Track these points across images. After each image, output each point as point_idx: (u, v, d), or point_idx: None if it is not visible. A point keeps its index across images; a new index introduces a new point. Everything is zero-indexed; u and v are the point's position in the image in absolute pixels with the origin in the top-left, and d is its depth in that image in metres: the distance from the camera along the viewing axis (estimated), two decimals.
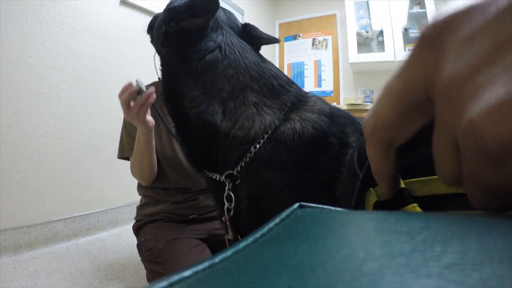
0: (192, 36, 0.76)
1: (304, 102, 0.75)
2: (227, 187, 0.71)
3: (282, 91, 0.75)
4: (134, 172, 1.30)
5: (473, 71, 0.16)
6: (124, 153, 1.35)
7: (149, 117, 1.07)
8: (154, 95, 1.01)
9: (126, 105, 1.00)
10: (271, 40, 0.92)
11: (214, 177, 0.74)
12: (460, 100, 0.16)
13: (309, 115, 0.71)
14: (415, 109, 0.20)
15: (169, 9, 0.76)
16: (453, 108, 0.17)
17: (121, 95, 0.98)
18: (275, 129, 0.69)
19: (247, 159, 0.69)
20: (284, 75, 0.81)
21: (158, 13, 0.89)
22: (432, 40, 0.19)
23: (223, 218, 0.73)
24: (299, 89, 0.80)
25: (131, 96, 0.99)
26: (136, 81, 0.98)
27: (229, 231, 0.74)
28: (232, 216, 0.72)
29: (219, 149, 0.72)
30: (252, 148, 0.69)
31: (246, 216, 0.71)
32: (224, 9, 0.84)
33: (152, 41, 0.94)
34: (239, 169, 0.70)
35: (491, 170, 0.16)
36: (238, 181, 0.71)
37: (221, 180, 0.72)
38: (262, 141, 0.69)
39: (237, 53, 0.76)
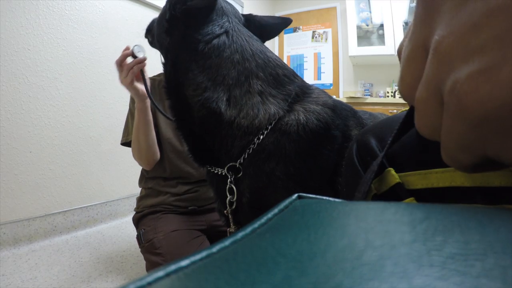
0: (198, 20, 0.75)
1: (308, 94, 0.74)
2: (229, 180, 0.70)
3: (287, 81, 0.74)
4: (133, 151, 1.29)
5: (464, 33, 0.17)
6: (128, 137, 1.34)
7: (139, 85, 1.12)
8: (145, 63, 1.08)
9: (118, 66, 1.10)
10: (285, 21, 0.96)
11: (216, 171, 0.73)
12: (450, 58, 0.17)
13: (313, 107, 0.70)
14: (423, 68, 0.20)
15: None
16: (442, 64, 0.18)
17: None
18: (279, 119, 0.68)
19: (250, 150, 0.68)
20: (288, 66, 0.80)
21: (156, 18, 0.91)
22: (430, 2, 0.20)
23: (225, 211, 0.72)
24: (303, 81, 0.79)
25: (124, 58, 1.08)
26: (135, 45, 1.07)
27: (231, 224, 0.73)
28: (234, 209, 0.71)
29: (222, 139, 0.71)
30: (255, 140, 0.68)
31: (248, 210, 0.70)
32: (227, 2, 0.84)
33: (151, 42, 0.97)
34: (242, 161, 0.69)
35: (468, 129, 0.17)
36: (240, 174, 0.70)
37: (223, 173, 0.71)
38: (266, 132, 0.67)
39: (244, 40, 0.76)
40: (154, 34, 0.90)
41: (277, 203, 0.60)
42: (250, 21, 0.88)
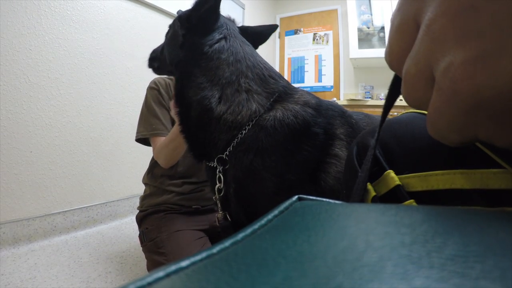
0: (206, 28, 0.85)
1: (290, 95, 0.80)
2: (217, 170, 0.77)
3: (271, 81, 0.81)
4: (160, 155, 1.25)
5: (461, 15, 0.16)
6: (145, 134, 1.30)
7: None
8: None
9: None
10: (272, 27, 1.06)
11: (210, 164, 0.81)
12: (444, 38, 0.17)
13: (292, 106, 0.76)
14: (412, 40, 0.20)
15: (179, 16, 0.88)
16: (435, 44, 0.17)
17: None
18: (259, 116, 0.74)
19: (234, 143, 0.75)
20: (275, 70, 0.88)
21: (156, 48, 1.07)
22: None
23: (214, 198, 0.79)
24: (288, 83, 0.85)
25: None
26: None
27: (219, 210, 0.80)
28: (222, 196, 0.78)
29: (211, 134, 0.78)
30: (239, 134, 0.74)
31: (234, 199, 0.76)
32: (226, 17, 0.95)
33: (157, 68, 1.09)
34: (227, 153, 0.76)
35: (460, 113, 0.17)
36: (227, 166, 0.77)
37: (214, 165, 0.79)
38: (248, 128, 0.74)
39: (238, 44, 0.85)
40: (162, 58, 1.00)
41: (257, 192, 0.62)
42: (243, 30, 0.98)
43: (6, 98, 1.64)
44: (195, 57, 0.83)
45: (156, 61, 1.07)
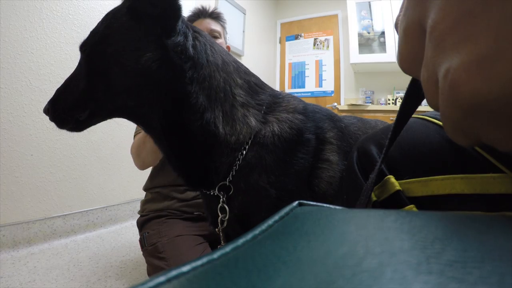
0: (167, 24, 0.66)
1: (278, 103, 0.75)
2: (221, 200, 0.70)
3: (259, 90, 0.75)
4: (131, 151, 1.25)
5: (458, 20, 0.16)
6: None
7: None
8: None
9: None
10: None
11: (210, 193, 0.73)
12: (444, 44, 0.17)
13: (285, 115, 0.72)
14: (420, 44, 0.20)
15: (128, 8, 0.69)
16: (437, 49, 0.18)
17: None
18: (256, 133, 0.70)
19: (237, 167, 0.69)
20: (249, 69, 0.80)
21: (63, 91, 0.82)
22: None
23: (217, 230, 0.73)
24: (272, 89, 0.80)
25: None
26: None
27: (222, 242, 0.74)
28: (225, 227, 0.71)
29: (211, 159, 0.70)
30: (240, 155, 0.69)
31: (235, 222, 0.71)
32: None
33: (87, 121, 0.76)
34: (231, 178, 0.70)
35: (461, 117, 0.17)
36: (231, 192, 0.70)
37: (215, 194, 0.71)
38: (247, 147, 0.69)
39: (212, 41, 0.75)
40: (98, 97, 0.71)
41: (262, 211, 0.60)
42: None
43: (7, 101, 1.64)
44: (179, 67, 0.66)
45: (81, 107, 0.74)
